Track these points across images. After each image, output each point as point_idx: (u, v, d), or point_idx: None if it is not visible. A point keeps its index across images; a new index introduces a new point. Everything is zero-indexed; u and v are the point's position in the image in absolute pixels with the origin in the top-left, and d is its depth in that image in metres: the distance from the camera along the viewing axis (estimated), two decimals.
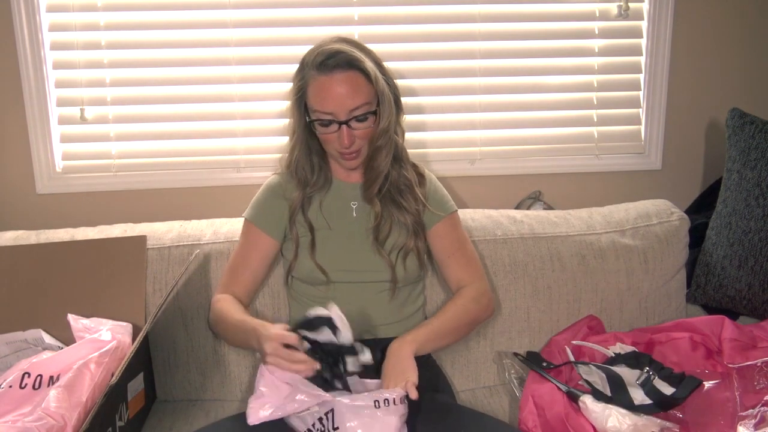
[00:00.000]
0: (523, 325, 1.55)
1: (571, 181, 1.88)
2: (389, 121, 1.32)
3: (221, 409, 1.46)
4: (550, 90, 1.83)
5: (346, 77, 1.26)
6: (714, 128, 1.88)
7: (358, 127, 1.29)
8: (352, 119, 1.27)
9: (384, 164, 1.35)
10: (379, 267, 1.35)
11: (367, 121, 1.30)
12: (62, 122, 1.75)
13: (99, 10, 1.69)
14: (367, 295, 1.36)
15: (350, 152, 1.31)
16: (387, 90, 1.31)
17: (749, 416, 1.18)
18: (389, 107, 1.32)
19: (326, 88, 1.26)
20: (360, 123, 1.29)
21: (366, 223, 1.36)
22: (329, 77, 1.26)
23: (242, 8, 1.71)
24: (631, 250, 1.58)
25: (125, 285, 1.45)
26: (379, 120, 1.31)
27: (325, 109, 1.27)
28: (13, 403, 1.15)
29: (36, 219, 1.74)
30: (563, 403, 1.24)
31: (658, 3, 1.79)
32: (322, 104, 1.27)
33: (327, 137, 1.31)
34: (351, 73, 1.26)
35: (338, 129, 1.28)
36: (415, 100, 1.78)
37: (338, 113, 1.26)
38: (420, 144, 1.80)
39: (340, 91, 1.25)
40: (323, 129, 1.30)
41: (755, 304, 1.57)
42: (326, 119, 1.28)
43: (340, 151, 1.31)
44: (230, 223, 1.59)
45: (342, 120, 1.27)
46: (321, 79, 1.27)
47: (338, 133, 1.28)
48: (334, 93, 1.26)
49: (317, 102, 1.27)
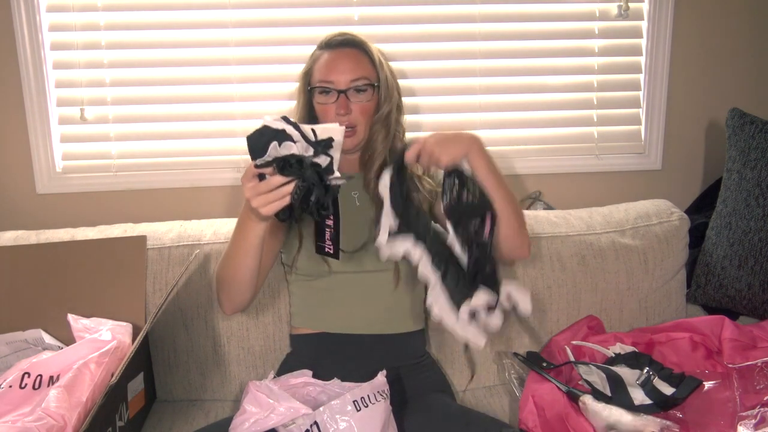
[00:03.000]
0: (523, 325, 1.55)
1: (571, 181, 1.88)
2: (390, 108, 1.37)
3: (221, 409, 1.46)
4: (550, 90, 1.83)
5: (351, 52, 1.35)
6: (714, 128, 1.88)
7: (357, 100, 1.33)
8: (351, 89, 1.32)
9: (380, 148, 1.36)
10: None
11: (366, 94, 1.34)
12: (62, 122, 1.75)
13: (99, 10, 1.69)
14: (370, 286, 1.35)
15: (347, 126, 1.28)
16: (390, 79, 1.37)
17: (749, 416, 1.18)
18: (391, 94, 1.37)
19: (330, 60, 1.34)
20: (358, 95, 1.33)
21: (369, 213, 1.35)
22: (335, 51, 1.35)
23: (242, 8, 1.71)
24: (631, 250, 1.58)
25: (125, 285, 1.46)
26: (379, 101, 1.36)
27: (328, 78, 1.33)
28: (13, 403, 1.15)
29: (36, 219, 1.74)
30: (563, 403, 1.24)
31: (658, 3, 1.79)
32: (326, 74, 1.33)
33: (325, 108, 1.34)
34: (356, 50, 1.36)
35: (337, 98, 1.32)
36: (415, 100, 1.78)
37: (338, 82, 1.32)
38: None
39: (342, 62, 1.33)
40: (322, 97, 1.34)
41: (755, 304, 1.57)
42: (326, 87, 1.33)
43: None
44: (230, 223, 1.58)
45: (341, 89, 1.32)
46: (327, 53, 1.36)
47: (336, 103, 1.32)
48: (336, 63, 1.33)
49: (321, 73, 1.34)
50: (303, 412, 1.07)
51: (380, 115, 1.36)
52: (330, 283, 1.35)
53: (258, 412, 1.08)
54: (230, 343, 1.49)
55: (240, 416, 1.09)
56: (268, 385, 1.12)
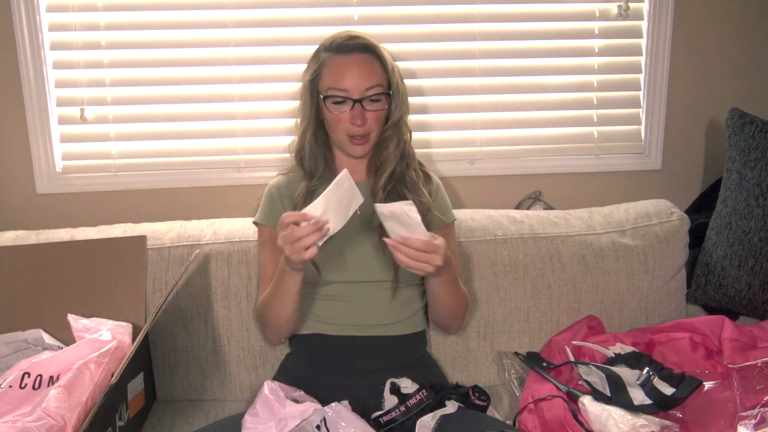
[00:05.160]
0: (523, 325, 1.55)
1: (571, 181, 1.87)
2: (401, 114, 1.35)
3: (221, 409, 1.46)
4: (550, 90, 1.83)
5: (364, 59, 1.31)
6: (714, 128, 1.88)
7: (371, 108, 1.31)
8: (366, 99, 1.30)
9: (393, 156, 1.36)
10: (382, 266, 1.34)
11: (380, 103, 1.32)
12: (62, 122, 1.75)
13: (99, 10, 1.69)
14: (369, 294, 1.35)
15: (360, 135, 1.31)
16: (401, 85, 1.36)
17: (749, 416, 1.18)
18: (402, 100, 1.36)
19: (343, 67, 1.30)
20: (373, 104, 1.31)
21: (370, 222, 1.34)
22: (347, 57, 1.31)
23: (242, 8, 1.71)
24: (631, 251, 1.58)
25: (125, 285, 1.45)
26: (391, 108, 1.34)
27: (341, 86, 1.29)
28: (13, 403, 1.15)
29: (36, 219, 1.74)
30: (563, 404, 1.25)
31: (658, 3, 1.79)
32: (338, 82, 1.29)
33: (338, 117, 1.31)
34: (368, 56, 1.32)
35: (351, 108, 1.30)
36: (416, 100, 1.78)
37: (353, 91, 1.29)
38: (420, 144, 1.80)
39: (356, 70, 1.29)
40: (336, 107, 1.31)
41: (755, 304, 1.57)
42: (340, 96, 1.30)
43: (350, 134, 1.32)
44: (230, 223, 1.58)
45: (356, 98, 1.29)
46: (338, 59, 1.31)
47: (351, 113, 1.30)
48: (350, 71, 1.29)
49: (333, 80, 1.30)
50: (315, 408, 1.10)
51: (392, 121, 1.35)
52: (329, 290, 1.35)
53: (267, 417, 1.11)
54: (230, 343, 1.49)
55: (252, 417, 1.12)
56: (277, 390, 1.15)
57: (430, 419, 1.17)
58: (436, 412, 1.19)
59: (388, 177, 1.36)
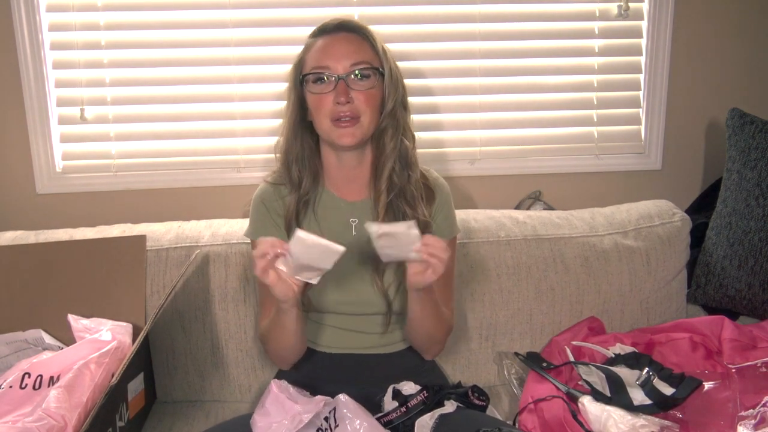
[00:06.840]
0: (525, 327, 1.54)
1: (570, 181, 1.87)
2: (396, 101, 1.21)
3: (221, 410, 1.46)
4: (550, 90, 1.83)
5: (350, 37, 1.18)
6: (714, 128, 1.88)
7: (359, 87, 1.16)
8: (351, 75, 1.15)
9: (390, 146, 1.22)
10: (374, 300, 1.25)
11: (369, 81, 1.17)
12: (62, 122, 1.74)
13: (99, 10, 1.69)
14: (359, 325, 1.29)
15: (346, 115, 1.15)
16: (394, 67, 1.22)
17: (749, 416, 1.18)
18: (395, 87, 1.21)
19: (325, 45, 1.18)
20: (360, 82, 1.16)
21: (365, 246, 1.16)
22: (331, 36, 1.18)
23: (242, 8, 1.71)
24: (633, 252, 1.58)
25: (125, 285, 1.45)
26: (384, 96, 1.20)
27: (321, 63, 1.16)
28: (13, 403, 1.15)
29: (36, 219, 1.73)
30: (563, 404, 1.25)
31: (658, 3, 1.78)
32: (318, 59, 1.16)
33: (320, 99, 1.16)
34: (355, 35, 1.19)
35: (335, 86, 1.15)
36: (416, 100, 1.78)
37: (336, 67, 1.15)
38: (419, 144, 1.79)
39: (340, 46, 1.16)
40: (317, 86, 1.17)
41: (755, 304, 1.57)
42: (321, 72, 1.15)
43: (334, 116, 1.16)
44: (229, 224, 1.58)
45: (340, 74, 1.15)
46: (321, 39, 1.19)
47: (334, 92, 1.15)
48: (333, 48, 1.16)
49: (313, 59, 1.17)
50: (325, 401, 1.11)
51: (387, 110, 1.20)
52: (321, 317, 1.30)
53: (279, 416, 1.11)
54: (228, 345, 1.49)
55: (263, 417, 1.12)
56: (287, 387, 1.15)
57: (429, 419, 1.17)
58: (435, 412, 1.18)
59: (388, 187, 1.23)
